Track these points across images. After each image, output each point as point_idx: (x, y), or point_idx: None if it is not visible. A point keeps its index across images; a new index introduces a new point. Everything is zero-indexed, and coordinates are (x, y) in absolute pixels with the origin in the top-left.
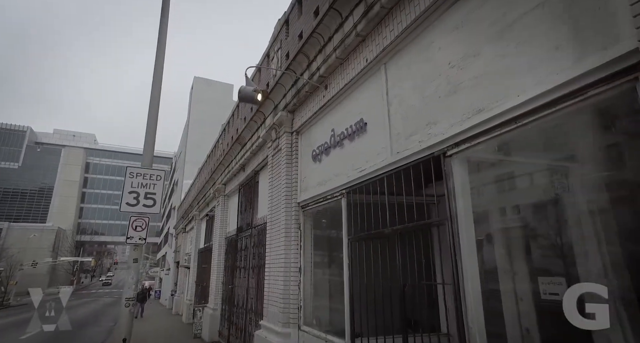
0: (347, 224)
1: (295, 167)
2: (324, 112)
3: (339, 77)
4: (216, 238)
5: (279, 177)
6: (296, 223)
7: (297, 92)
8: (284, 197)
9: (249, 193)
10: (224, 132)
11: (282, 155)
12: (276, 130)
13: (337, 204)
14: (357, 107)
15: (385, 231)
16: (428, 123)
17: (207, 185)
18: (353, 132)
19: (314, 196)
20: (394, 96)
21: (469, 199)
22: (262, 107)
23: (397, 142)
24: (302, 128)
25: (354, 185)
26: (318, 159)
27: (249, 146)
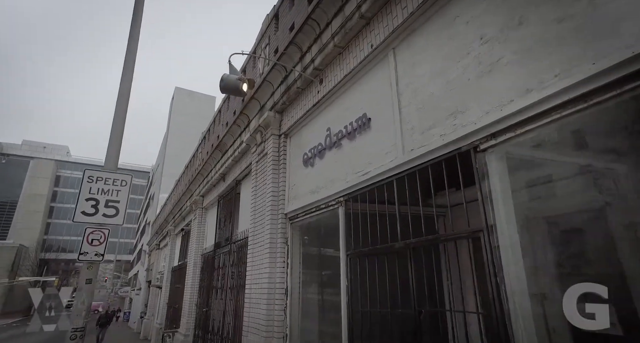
0: (346, 238)
1: (282, 174)
2: (318, 110)
3: (337, 68)
4: (191, 255)
5: (263, 185)
6: (283, 237)
7: (287, 89)
8: (269, 208)
9: (228, 205)
10: (203, 140)
11: (267, 161)
12: (262, 132)
13: (333, 214)
14: (359, 101)
15: (396, 245)
16: (453, 112)
17: (183, 197)
18: (354, 130)
19: (305, 206)
20: (405, 85)
21: (511, 205)
22: (247, 109)
23: (411, 138)
24: (291, 130)
25: (355, 191)
26: (310, 163)
27: (231, 153)
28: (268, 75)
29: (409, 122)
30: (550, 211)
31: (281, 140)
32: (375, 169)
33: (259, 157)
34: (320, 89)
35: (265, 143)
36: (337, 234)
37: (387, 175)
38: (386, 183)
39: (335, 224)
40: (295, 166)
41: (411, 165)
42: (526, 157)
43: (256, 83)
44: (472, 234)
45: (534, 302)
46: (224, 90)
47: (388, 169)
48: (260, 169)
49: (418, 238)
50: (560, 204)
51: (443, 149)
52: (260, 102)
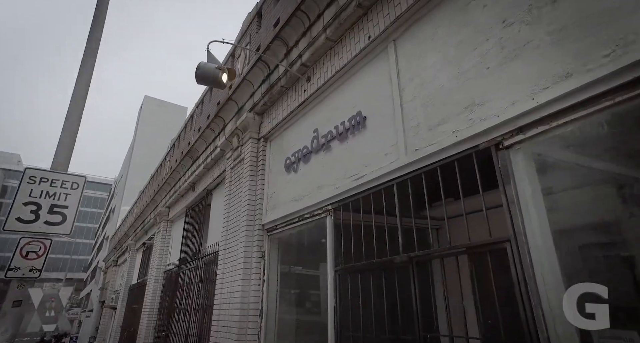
0: (334, 251)
1: (260, 181)
2: (304, 111)
3: (327, 64)
4: (152, 272)
5: (238, 193)
6: (259, 251)
7: (270, 89)
8: (244, 218)
9: (197, 216)
10: (173, 147)
11: (244, 167)
12: (239, 136)
13: (319, 225)
14: (352, 98)
15: (396, 259)
16: (468, 106)
17: (147, 209)
18: (346, 130)
19: (286, 215)
20: (409, 79)
21: (543, 211)
22: (223, 111)
23: (416, 136)
24: (272, 133)
25: (346, 198)
26: (293, 168)
27: (203, 160)
28: (248, 73)
29: (413, 118)
30: (593, 218)
31: (260, 144)
32: (372, 172)
33: (235, 163)
34: (307, 88)
35: (242, 147)
36: (324, 247)
37: (386, 178)
38: (385, 188)
39: (321, 236)
40: (275, 172)
41: (416, 167)
42: (562, 154)
43: (235, 83)
44: (495, 245)
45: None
46: (201, 80)
47: (387, 172)
48: (236, 175)
49: (425, 250)
50: (604, 211)
51: (456, 147)
52: (238, 104)
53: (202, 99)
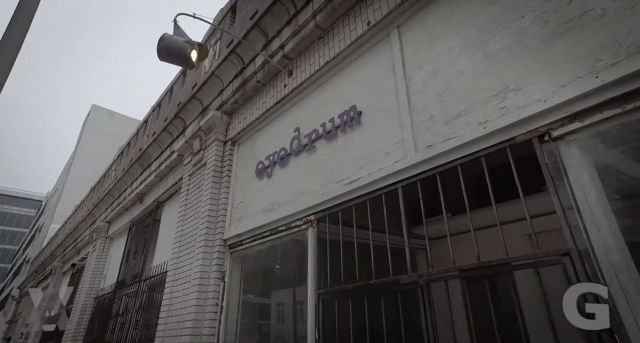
0: (317, 270)
1: (225, 189)
2: (283, 109)
3: (314, 55)
4: (80, 298)
5: (197, 203)
6: (218, 271)
7: (243, 84)
8: (202, 232)
9: (143, 232)
10: (121, 155)
11: (206, 173)
12: (202, 138)
13: (297, 239)
14: (344, 93)
15: (403, 280)
16: (499, 92)
17: (82, 225)
18: (335, 128)
19: (255, 228)
20: (418, 67)
21: (612, 218)
22: (184, 111)
23: (428, 131)
24: (241, 135)
25: (334, 206)
26: (267, 173)
27: (156, 167)
28: (218, 68)
29: (424, 111)
30: None
31: (227, 147)
32: (369, 174)
33: (194, 169)
34: (288, 83)
35: (206, 151)
36: (302, 266)
37: (387, 181)
38: (386, 192)
39: (298, 253)
40: (243, 180)
41: (429, 166)
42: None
43: (200, 80)
44: (548, 259)
45: None
46: (164, 55)
47: (390, 174)
48: (195, 183)
49: (442, 268)
50: None
51: (484, 141)
52: (203, 103)
53: (159, 101)
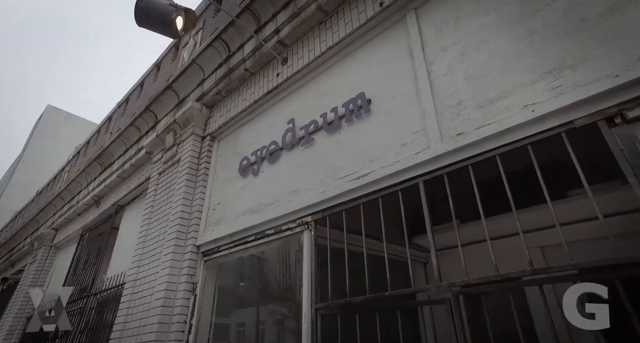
0: (314, 280)
1: (201, 189)
2: (274, 99)
3: (313, 42)
4: (8, 319)
5: (167, 204)
6: (189, 282)
7: (228, 74)
8: (172, 237)
9: (98, 240)
10: (77, 155)
11: (180, 170)
12: (176, 132)
13: (289, 244)
14: (350, 80)
15: (430, 291)
16: (553, 69)
17: (22, 233)
18: (339, 118)
19: (237, 232)
20: (441, 49)
21: None
22: (157, 104)
23: (457, 117)
24: (223, 130)
25: (336, 205)
26: (252, 170)
27: (119, 166)
28: (200, 56)
29: (451, 95)
30: None
31: (205, 143)
32: (382, 168)
33: (165, 167)
34: (281, 71)
35: (180, 146)
36: (295, 276)
37: (406, 175)
38: (404, 189)
39: (289, 260)
40: (223, 179)
41: (459, 157)
42: None
43: (178, 70)
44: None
45: None
46: (143, 19)
47: (409, 167)
48: (165, 182)
49: (479, 277)
50: None
51: (532, 126)
52: (180, 94)
53: (127, 96)
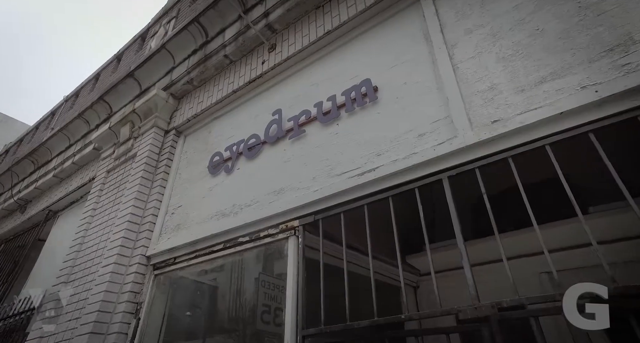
0: (302, 300)
1: (158, 189)
2: (258, 90)
3: (308, 27)
4: None
5: (113, 207)
6: (131, 302)
7: (204, 60)
8: (116, 245)
9: (15, 253)
10: (5, 154)
11: (135, 167)
12: (134, 124)
13: (269, 254)
14: (351, 68)
15: (462, 315)
16: (619, 45)
17: None
18: (337, 107)
19: (201, 240)
20: (465, 32)
21: None
22: (112, 93)
23: (492, 103)
24: (192, 124)
25: (332, 207)
26: (226, 168)
27: (57, 164)
28: (170, 41)
29: (480, 80)
30: None
31: (168, 138)
32: (393, 162)
33: (117, 163)
34: (267, 58)
35: (138, 140)
36: (275, 295)
37: (425, 170)
38: (422, 186)
39: (268, 274)
40: (188, 178)
41: (497, 148)
42: None
43: (143, 57)
44: None
45: None
46: None
47: (429, 160)
48: (114, 181)
49: (538, 297)
50: None
51: (596, 110)
52: (143, 84)
53: (78, 89)
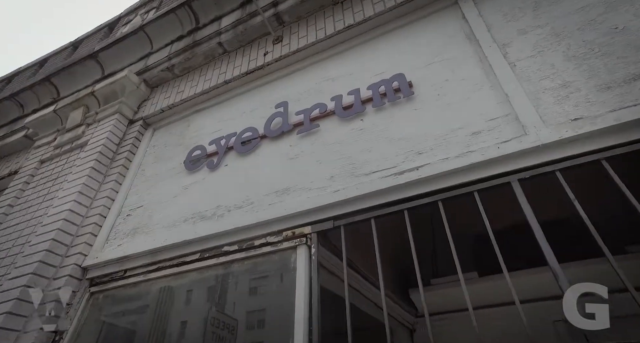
0: (319, 330)
1: (112, 184)
2: (256, 83)
3: (324, 21)
4: None
5: (44, 203)
6: (50, 330)
7: (191, 47)
8: (39, 252)
9: None
10: None
11: (83, 157)
12: (89, 108)
13: (268, 270)
14: (376, 64)
15: None
16: None
17: None
18: (361, 102)
19: (167, 247)
20: (518, 33)
21: None
22: (65, 76)
23: (567, 100)
24: (165, 116)
25: (360, 211)
26: (210, 163)
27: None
28: (151, 23)
29: (548, 77)
30: None
31: (132, 128)
32: (443, 161)
33: (58, 152)
34: (271, 49)
35: (92, 127)
36: (278, 325)
37: (487, 171)
38: (483, 190)
39: (267, 297)
40: (155, 174)
41: (584, 149)
42: None
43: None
44: None
45: None
46: None
47: (490, 160)
48: (50, 172)
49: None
50: None
51: None
52: (107, 68)
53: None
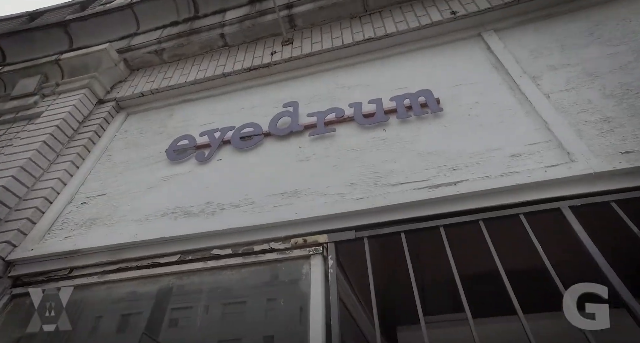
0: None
1: (66, 165)
2: (259, 81)
3: (339, 31)
4: None
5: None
6: None
7: (188, 34)
8: None
9: None
10: None
11: (33, 130)
12: (48, 77)
13: (271, 282)
14: (398, 79)
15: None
16: None
17: None
18: (384, 112)
19: (139, 243)
20: (548, 68)
21: None
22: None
23: (612, 134)
24: (144, 101)
25: (389, 223)
26: (199, 155)
27: None
28: (141, 3)
29: (587, 111)
30: None
31: (101, 109)
32: (484, 179)
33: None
34: (280, 50)
35: (50, 99)
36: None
37: (533, 195)
38: (530, 213)
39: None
40: (125, 161)
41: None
42: None
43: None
44: None
45: None
46: None
47: (539, 183)
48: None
49: None
50: None
51: None
52: (77, 41)
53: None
